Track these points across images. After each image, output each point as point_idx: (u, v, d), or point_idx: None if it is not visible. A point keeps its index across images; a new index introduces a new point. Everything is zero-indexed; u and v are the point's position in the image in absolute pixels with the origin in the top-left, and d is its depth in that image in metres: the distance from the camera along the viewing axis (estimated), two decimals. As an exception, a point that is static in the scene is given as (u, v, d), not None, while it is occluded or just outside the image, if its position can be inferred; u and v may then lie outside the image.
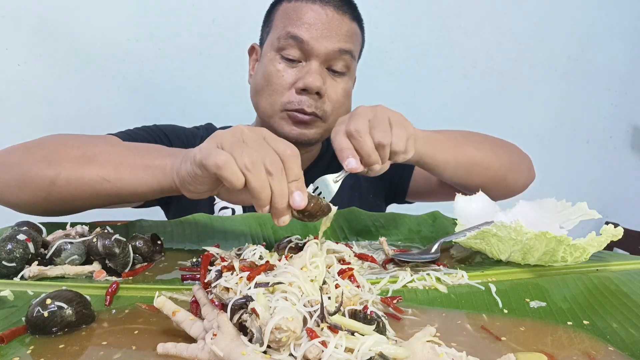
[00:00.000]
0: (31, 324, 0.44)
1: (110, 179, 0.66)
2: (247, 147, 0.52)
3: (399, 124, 0.70)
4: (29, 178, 0.68)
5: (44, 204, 0.70)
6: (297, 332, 0.38)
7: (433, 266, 0.66)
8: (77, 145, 0.70)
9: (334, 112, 0.93)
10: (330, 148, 1.12)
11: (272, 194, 0.51)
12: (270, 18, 0.97)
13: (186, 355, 0.40)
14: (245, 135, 0.53)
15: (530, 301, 0.55)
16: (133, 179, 0.65)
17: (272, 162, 0.51)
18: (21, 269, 0.57)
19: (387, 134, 0.67)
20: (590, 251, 0.65)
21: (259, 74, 0.95)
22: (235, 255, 0.62)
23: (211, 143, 0.54)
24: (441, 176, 0.88)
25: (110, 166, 0.66)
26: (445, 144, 0.83)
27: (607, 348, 0.45)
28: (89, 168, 0.67)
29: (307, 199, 0.53)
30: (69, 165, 0.67)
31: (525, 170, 1.02)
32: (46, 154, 0.69)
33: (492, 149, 0.94)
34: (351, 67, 0.94)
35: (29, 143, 0.74)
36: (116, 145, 0.72)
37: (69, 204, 0.70)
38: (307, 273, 0.48)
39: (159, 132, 1.01)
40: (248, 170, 0.50)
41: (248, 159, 0.50)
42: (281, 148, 0.53)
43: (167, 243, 0.73)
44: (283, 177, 0.52)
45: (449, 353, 0.40)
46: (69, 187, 0.67)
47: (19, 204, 0.72)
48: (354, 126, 0.66)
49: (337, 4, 0.90)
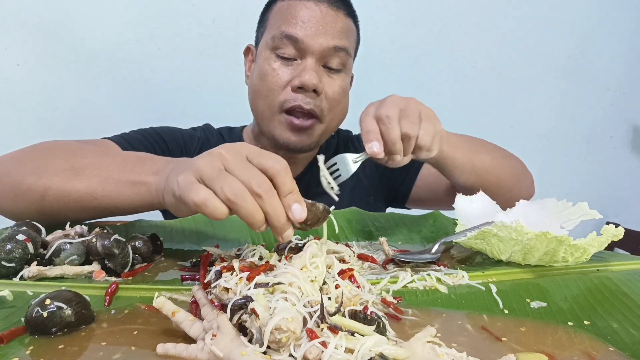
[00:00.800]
0: (30, 324, 0.43)
1: (97, 196, 0.65)
2: (228, 176, 0.48)
3: (428, 118, 0.70)
4: (21, 190, 0.68)
5: (39, 216, 0.70)
6: (297, 332, 0.38)
7: (433, 266, 0.66)
8: (66, 156, 0.70)
9: (331, 110, 0.92)
10: (329, 149, 1.12)
11: (266, 214, 0.49)
12: (265, 18, 0.97)
13: (186, 356, 0.40)
14: (226, 160, 0.50)
15: (531, 301, 0.55)
16: (120, 197, 0.65)
17: (259, 184, 0.48)
18: (20, 269, 0.57)
19: (415, 126, 0.67)
20: (590, 251, 0.65)
21: (255, 74, 0.94)
22: (235, 256, 0.62)
23: (189, 176, 0.50)
24: (456, 179, 0.87)
25: (97, 182, 0.66)
26: (464, 147, 0.83)
27: (607, 348, 0.45)
28: (77, 183, 0.66)
29: (306, 209, 0.51)
30: (57, 180, 0.67)
31: (528, 185, 1.02)
32: (36, 166, 0.69)
33: (504, 159, 0.94)
34: (347, 64, 0.93)
35: (22, 152, 0.74)
36: (104, 156, 0.71)
37: (61, 217, 0.70)
38: (307, 273, 0.47)
39: (155, 135, 1.00)
40: (232, 202, 0.47)
41: (229, 190, 0.47)
42: (268, 164, 0.50)
43: (167, 243, 0.73)
44: (274, 196, 0.49)
45: (449, 353, 0.39)
46: (59, 202, 0.67)
47: (14, 213, 0.72)
48: (384, 111, 0.66)
49: (331, 0, 0.90)
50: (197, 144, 1.06)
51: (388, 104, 0.68)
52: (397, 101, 0.69)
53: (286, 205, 0.50)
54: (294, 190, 0.51)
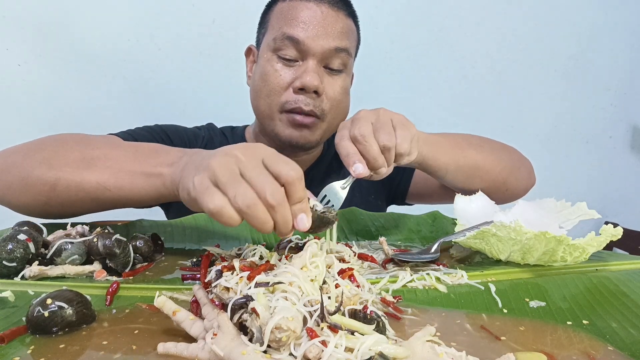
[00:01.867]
0: (32, 323, 0.44)
1: (110, 187, 0.65)
2: (242, 183, 0.48)
3: (402, 125, 0.69)
4: (31, 181, 0.67)
5: (44, 208, 0.70)
6: (297, 331, 0.38)
7: (433, 266, 0.66)
8: (77, 147, 0.69)
9: (332, 110, 0.93)
10: (331, 149, 1.13)
11: (275, 222, 0.49)
12: (265, 19, 0.97)
13: (186, 355, 0.40)
14: (241, 164, 0.49)
15: (530, 301, 0.55)
16: (133, 188, 0.64)
17: (273, 193, 0.47)
18: (22, 268, 0.57)
19: (391, 136, 0.66)
20: (589, 251, 0.65)
21: (257, 75, 0.95)
22: (236, 255, 0.62)
23: (204, 179, 0.50)
24: (442, 179, 0.88)
25: (110, 173, 0.65)
26: (446, 146, 0.83)
27: (606, 348, 0.45)
28: (89, 174, 0.65)
29: (311, 219, 0.51)
30: (69, 170, 0.66)
31: (526, 174, 1.01)
32: (46, 157, 0.68)
33: (493, 152, 0.93)
34: (348, 65, 0.94)
35: (31, 144, 0.73)
36: (116, 148, 0.70)
37: (68, 209, 0.70)
38: (307, 273, 0.48)
39: (161, 132, 1.00)
40: (244, 212, 0.47)
41: (242, 201, 0.47)
42: (284, 171, 0.49)
43: (168, 243, 0.73)
44: (285, 207, 0.49)
45: (448, 352, 0.40)
46: (69, 193, 0.66)
47: (19, 206, 0.72)
48: (358, 130, 0.65)
49: (332, 0, 0.90)
50: (202, 142, 1.06)
51: (359, 121, 0.67)
52: (367, 116, 0.69)
53: (293, 213, 0.50)
54: (303, 199, 0.51)
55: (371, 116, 0.69)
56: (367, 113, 0.70)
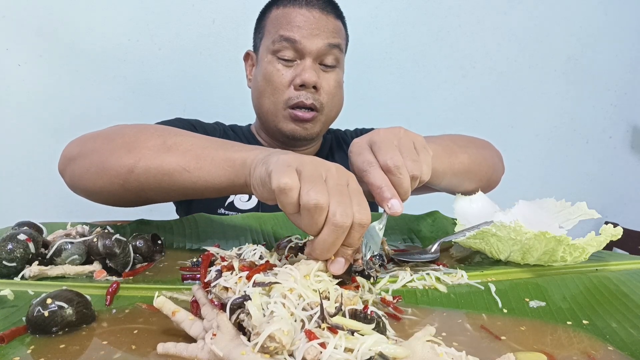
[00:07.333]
0: (31, 323, 0.44)
1: (190, 169, 0.65)
2: (323, 187, 0.48)
3: (423, 149, 0.65)
4: (109, 164, 0.68)
5: (120, 192, 0.70)
6: (286, 346, 0.37)
7: (433, 266, 0.66)
8: (158, 133, 0.70)
9: (329, 103, 1.02)
10: (327, 142, 1.18)
11: (321, 242, 0.48)
12: (261, 25, 1.05)
13: (186, 355, 0.40)
14: (330, 174, 0.50)
15: (530, 301, 0.55)
16: (212, 170, 0.64)
17: (342, 217, 0.47)
18: (22, 268, 0.57)
19: (418, 165, 0.61)
20: (589, 251, 0.65)
21: (259, 76, 1.02)
22: (235, 255, 0.62)
23: (291, 161, 0.50)
24: (436, 186, 0.86)
25: (191, 156, 0.65)
26: (443, 155, 0.80)
27: (606, 348, 0.45)
28: (169, 156, 0.66)
29: (345, 268, 0.51)
30: (149, 153, 0.67)
31: (501, 167, 1.04)
32: (127, 141, 0.69)
33: (478, 151, 0.93)
34: (340, 60, 1.03)
35: (109, 130, 0.74)
36: (196, 136, 0.71)
37: (144, 194, 0.70)
38: (308, 282, 0.47)
39: (189, 125, 1.06)
40: (307, 209, 0.47)
41: (315, 198, 0.46)
42: (357, 208, 0.49)
43: (168, 243, 0.73)
44: (341, 237, 0.48)
45: (448, 352, 0.40)
46: (147, 175, 0.67)
47: (95, 190, 0.72)
48: (390, 159, 0.59)
49: (322, 5, 0.99)
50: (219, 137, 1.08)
51: (386, 148, 0.61)
52: (390, 139, 0.62)
53: (337, 252, 0.50)
54: (353, 247, 0.50)
55: (393, 138, 0.63)
56: (388, 135, 0.64)
